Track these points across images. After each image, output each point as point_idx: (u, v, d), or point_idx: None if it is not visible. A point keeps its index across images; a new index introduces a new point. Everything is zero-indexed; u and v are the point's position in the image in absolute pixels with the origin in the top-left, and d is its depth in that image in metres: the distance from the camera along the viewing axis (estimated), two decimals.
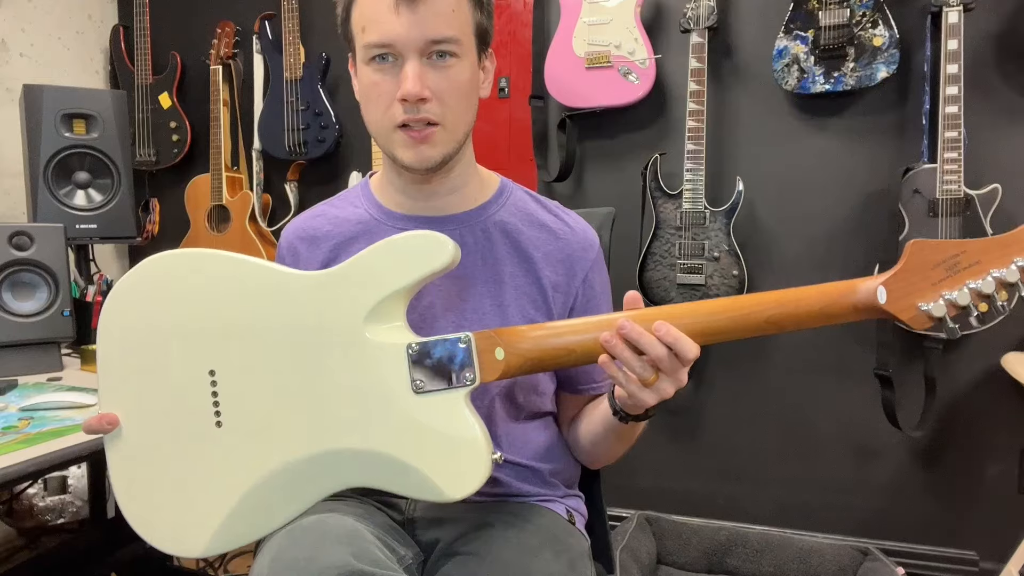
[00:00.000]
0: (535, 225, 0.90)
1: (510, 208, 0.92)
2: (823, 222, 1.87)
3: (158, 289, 0.75)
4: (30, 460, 0.85)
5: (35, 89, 1.72)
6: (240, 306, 0.73)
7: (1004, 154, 1.71)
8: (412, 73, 0.77)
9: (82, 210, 1.78)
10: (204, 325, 0.74)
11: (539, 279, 0.88)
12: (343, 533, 0.68)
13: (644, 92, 1.89)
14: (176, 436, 0.73)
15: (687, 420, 2.04)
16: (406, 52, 0.78)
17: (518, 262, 0.88)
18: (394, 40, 0.77)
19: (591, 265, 0.91)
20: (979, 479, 1.79)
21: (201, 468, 0.73)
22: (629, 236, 1.93)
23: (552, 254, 0.89)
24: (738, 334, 0.70)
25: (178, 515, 0.73)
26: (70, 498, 2.07)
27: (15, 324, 1.36)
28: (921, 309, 0.66)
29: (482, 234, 0.89)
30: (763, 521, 1.92)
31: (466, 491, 0.68)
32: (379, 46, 0.78)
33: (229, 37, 2.31)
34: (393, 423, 0.70)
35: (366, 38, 0.79)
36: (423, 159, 0.82)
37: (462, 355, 0.71)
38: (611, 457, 0.93)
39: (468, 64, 0.82)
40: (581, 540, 0.89)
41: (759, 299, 0.70)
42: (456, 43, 0.79)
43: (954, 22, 1.60)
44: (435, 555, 0.82)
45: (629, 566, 1.67)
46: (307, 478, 0.71)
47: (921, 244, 0.66)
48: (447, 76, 0.80)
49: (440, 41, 0.78)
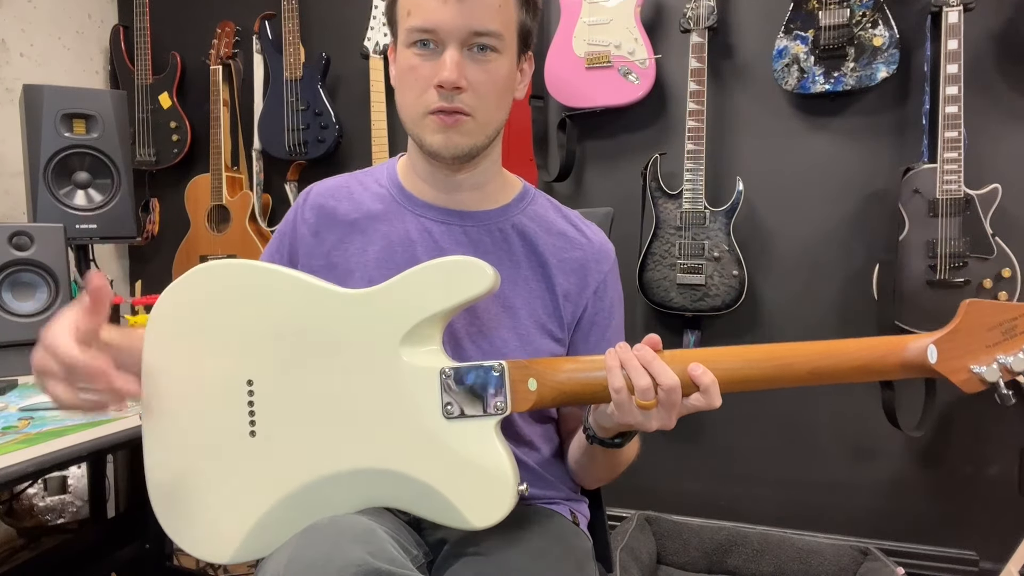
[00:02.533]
0: (553, 232, 0.91)
1: (530, 213, 0.92)
2: (823, 222, 1.87)
3: (206, 297, 0.76)
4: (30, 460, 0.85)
5: (35, 89, 1.72)
6: (281, 319, 0.75)
7: (1004, 154, 1.71)
8: (451, 61, 0.78)
9: (82, 210, 1.78)
10: (246, 335, 0.75)
11: (553, 285, 0.88)
12: (359, 532, 0.68)
13: (644, 92, 1.89)
14: (211, 442, 0.74)
15: (687, 420, 2.03)
16: (448, 40, 0.78)
17: (533, 266, 0.89)
18: (438, 26, 0.77)
19: (604, 277, 0.91)
20: (979, 479, 1.79)
21: (233, 476, 0.74)
22: (629, 236, 1.93)
23: (567, 262, 0.89)
24: (777, 383, 0.69)
25: (209, 521, 0.74)
26: (70, 498, 2.07)
27: (15, 324, 1.36)
28: (973, 371, 0.64)
29: (500, 235, 0.89)
30: (763, 521, 1.92)
31: (490, 521, 0.69)
32: (422, 31, 0.78)
33: (229, 37, 2.31)
34: (422, 446, 0.71)
35: (410, 21, 0.79)
36: (451, 145, 0.81)
37: (495, 383, 0.71)
38: (593, 479, 0.93)
39: (507, 61, 0.82)
40: (585, 541, 0.89)
41: (802, 349, 0.69)
42: (498, 38, 0.80)
43: (954, 22, 1.60)
44: (442, 555, 0.82)
45: (629, 566, 1.67)
46: (333, 494, 0.72)
47: (977, 305, 0.64)
48: (486, 69, 0.80)
49: (483, 34, 0.78)
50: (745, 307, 1.83)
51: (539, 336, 0.87)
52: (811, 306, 1.88)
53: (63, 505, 2.06)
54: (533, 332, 0.87)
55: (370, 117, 2.08)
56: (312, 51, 2.23)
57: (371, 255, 0.88)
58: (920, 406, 1.75)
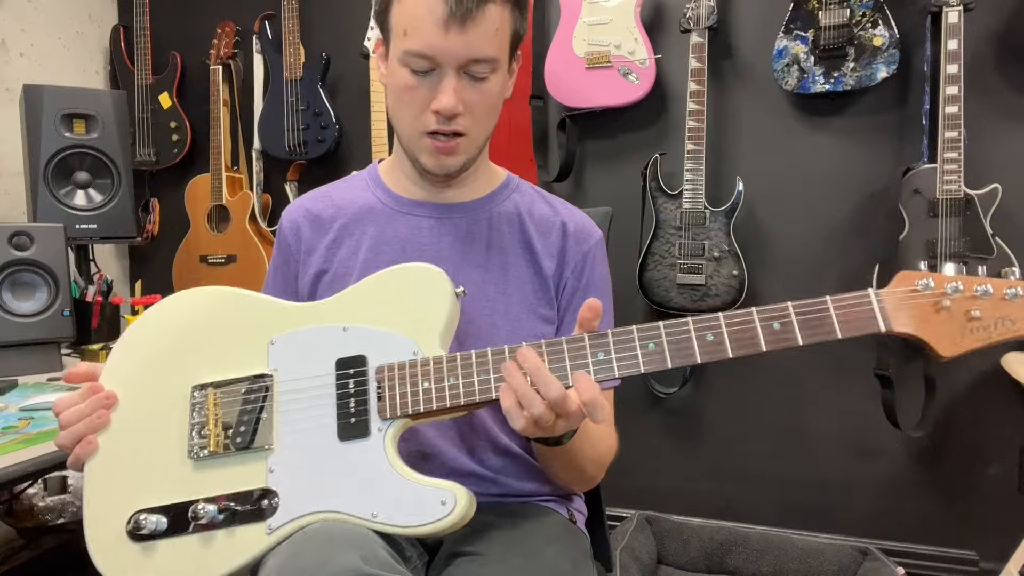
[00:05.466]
0: (536, 218, 0.92)
1: (515, 200, 0.94)
2: (823, 222, 1.87)
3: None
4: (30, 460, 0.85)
5: (35, 89, 1.72)
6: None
7: (1004, 154, 1.71)
8: (449, 88, 0.78)
9: (82, 210, 1.78)
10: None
11: (540, 269, 0.90)
12: (351, 537, 0.68)
13: (644, 92, 1.89)
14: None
15: (687, 420, 2.04)
16: (446, 66, 0.78)
17: (521, 252, 0.90)
18: (437, 55, 0.78)
19: (583, 258, 0.91)
20: (979, 479, 1.79)
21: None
22: (629, 236, 1.93)
23: (550, 245, 0.91)
24: None
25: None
26: (70, 498, 2.07)
27: (15, 324, 1.36)
28: None
29: (487, 223, 0.91)
30: (763, 521, 1.92)
31: None
32: (420, 56, 0.78)
33: (229, 37, 2.31)
34: None
35: (407, 44, 0.79)
36: (444, 167, 0.84)
37: None
38: (563, 480, 0.90)
39: (501, 76, 0.83)
40: (582, 539, 0.89)
41: None
42: (495, 62, 0.80)
43: (954, 22, 1.60)
44: (439, 556, 0.82)
45: (629, 566, 1.67)
46: None
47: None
48: (481, 91, 0.81)
49: (482, 60, 0.79)
50: (745, 307, 1.82)
51: (530, 320, 0.88)
52: None
53: (63, 505, 2.06)
54: (523, 317, 0.88)
55: (370, 117, 2.08)
56: (312, 51, 2.23)
57: (360, 257, 0.89)
58: (920, 406, 1.75)
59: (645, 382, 2.01)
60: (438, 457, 0.85)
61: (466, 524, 0.69)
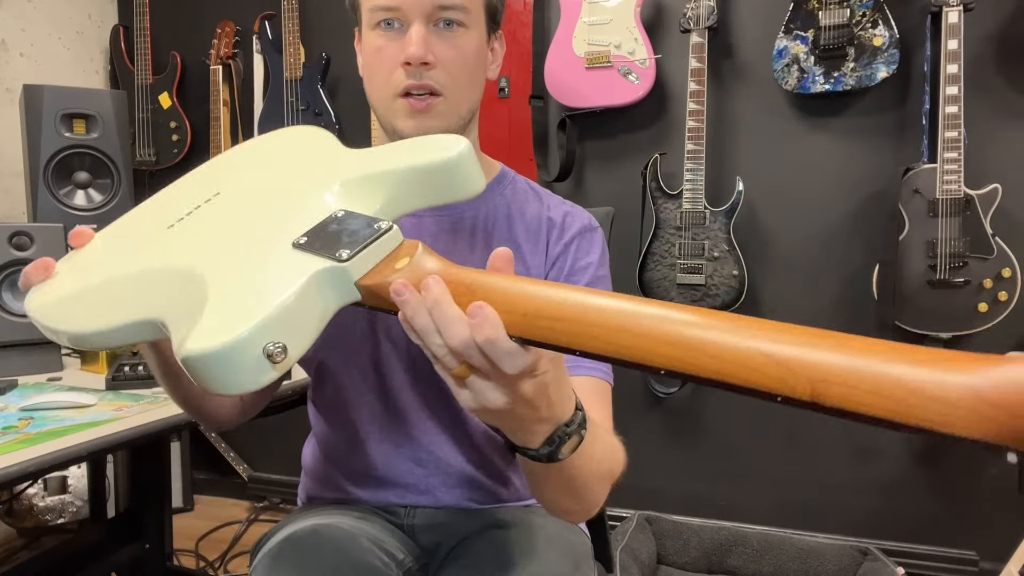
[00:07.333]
0: (527, 218, 0.89)
1: (508, 195, 0.90)
2: (823, 222, 1.87)
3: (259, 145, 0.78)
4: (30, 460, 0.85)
5: (35, 89, 1.72)
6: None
7: (1004, 154, 1.71)
8: (417, 36, 0.75)
9: (82, 210, 1.77)
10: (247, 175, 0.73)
11: (529, 270, 0.87)
12: (338, 544, 0.67)
13: (644, 92, 1.89)
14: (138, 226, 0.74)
15: (687, 420, 2.04)
16: (412, 16, 0.76)
17: (513, 247, 0.87)
18: (400, 3, 0.76)
19: (564, 248, 0.87)
20: (979, 479, 1.79)
21: (116, 252, 0.71)
22: (629, 236, 1.93)
23: (538, 242, 0.88)
24: None
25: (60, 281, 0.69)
26: (70, 498, 2.07)
27: (15, 324, 1.36)
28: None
29: (479, 219, 0.88)
30: (763, 521, 1.92)
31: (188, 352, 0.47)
32: (385, 9, 0.77)
33: (229, 37, 2.31)
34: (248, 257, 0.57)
35: (372, 1, 0.78)
36: (423, 129, 0.78)
37: (363, 236, 0.53)
38: (553, 506, 0.69)
39: (476, 36, 0.80)
40: (584, 539, 0.89)
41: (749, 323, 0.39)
42: (464, 11, 0.78)
43: (954, 22, 1.60)
44: (438, 559, 0.82)
45: (629, 566, 1.67)
46: (142, 289, 0.62)
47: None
48: (453, 44, 0.78)
49: (448, 7, 0.76)
50: (745, 307, 1.83)
51: None
52: (811, 306, 1.88)
53: (63, 505, 2.06)
54: None
55: (370, 117, 2.08)
56: (312, 51, 2.23)
57: None
58: None
59: (645, 382, 2.01)
60: (436, 462, 0.84)
61: None
